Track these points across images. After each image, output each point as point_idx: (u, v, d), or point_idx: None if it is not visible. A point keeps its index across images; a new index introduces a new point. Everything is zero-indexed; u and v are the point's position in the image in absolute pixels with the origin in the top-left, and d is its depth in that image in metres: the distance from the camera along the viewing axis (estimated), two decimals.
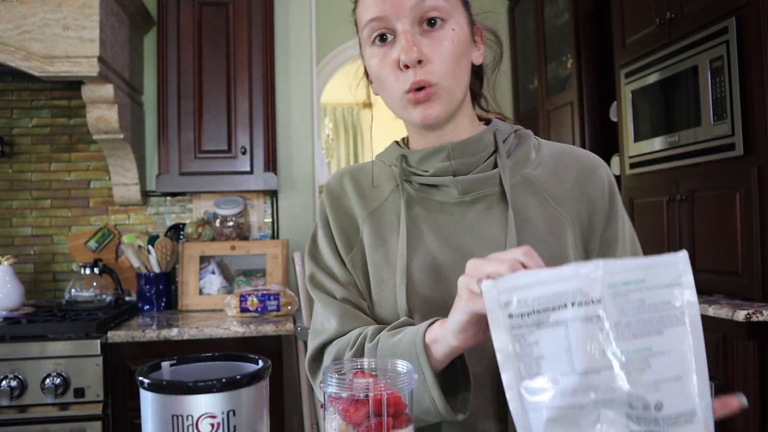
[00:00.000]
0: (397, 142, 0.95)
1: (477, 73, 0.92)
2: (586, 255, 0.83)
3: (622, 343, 0.54)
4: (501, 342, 0.57)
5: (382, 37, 0.80)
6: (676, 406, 0.54)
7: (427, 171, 0.86)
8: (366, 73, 0.92)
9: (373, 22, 0.80)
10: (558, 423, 0.54)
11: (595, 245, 0.84)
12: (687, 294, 0.56)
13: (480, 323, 0.65)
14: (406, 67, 0.78)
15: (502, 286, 0.57)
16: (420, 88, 0.79)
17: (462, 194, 0.84)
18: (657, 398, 0.53)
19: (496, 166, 0.85)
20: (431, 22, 0.78)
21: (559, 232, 0.82)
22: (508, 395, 0.56)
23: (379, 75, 0.82)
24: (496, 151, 0.86)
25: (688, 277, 0.56)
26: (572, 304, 0.54)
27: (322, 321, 0.89)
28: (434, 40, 0.79)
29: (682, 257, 0.57)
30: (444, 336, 0.69)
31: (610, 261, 0.56)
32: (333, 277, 0.90)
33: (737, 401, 0.58)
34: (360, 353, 0.80)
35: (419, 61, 0.78)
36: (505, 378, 0.56)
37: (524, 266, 0.60)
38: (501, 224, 0.83)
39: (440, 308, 0.80)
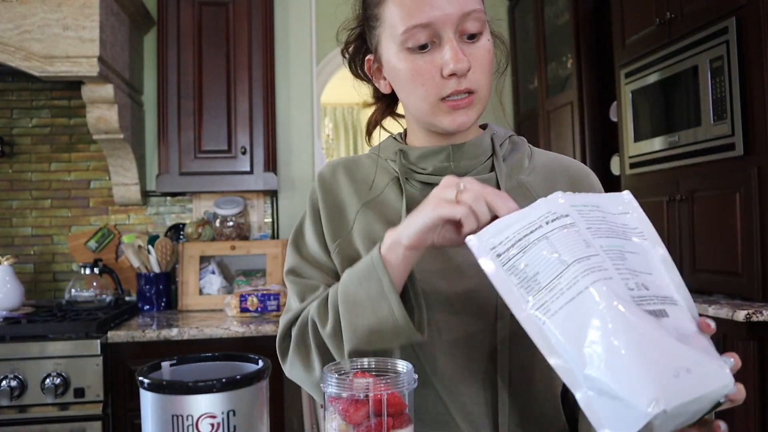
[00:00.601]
0: (394, 137, 0.94)
1: None
2: None
3: (598, 239, 0.61)
4: (499, 280, 0.62)
5: (423, 46, 0.79)
6: (658, 290, 0.60)
7: (425, 169, 0.87)
8: (368, 68, 0.91)
9: (416, 29, 0.77)
10: (574, 316, 0.57)
11: None
12: (641, 221, 0.65)
13: (436, 229, 0.70)
14: (451, 75, 0.78)
15: (485, 236, 0.64)
16: (461, 96, 0.80)
17: None
18: (641, 281, 0.59)
19: (492, 169, 0.86)
20: (471, 36, 0.79)
21: None
22: (523, 324, 0.59)
23: (413, 80, 0.80)
24: (493, 154, 0.87)
25: (638, 211, 0.66)
26: (546, 222, 0.62)
27: (289, 302, 0.93)
28: (474, 49, 0.79)
29: (625, 195, 0.67)
30: (398, 239, 0.73)
31: (568, 193, 0.65)
32: (315, 264, 0.91)
33: (719, 427, 0.63)
34: (324, 302, 0.81)
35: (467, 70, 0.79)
36: (514, 308, 0.60)
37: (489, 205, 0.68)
38: None
39: (432, 304, 0.81)
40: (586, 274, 0.57)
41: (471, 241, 0.64)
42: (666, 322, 0.57)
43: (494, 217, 0.67)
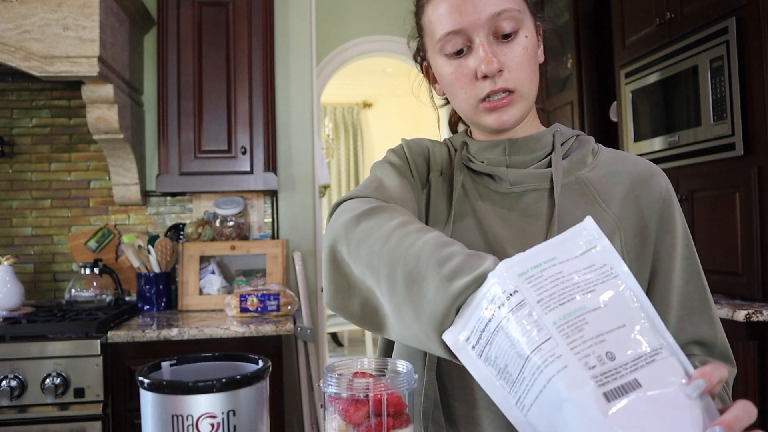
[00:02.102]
0: (465, 131, 0.97)
1: None
2: (640, 263, 0.81)
3: (550, 314, 0.54)
4: (480, 374, 0.58)
5: (459, 51, 0.81)
6: (629, 351, 0.53)
7: (482, 161, 0.88)
8: (426, 74, 0.93)
9: (449, 35, 0.80)
10: (543, 412, 0.54)
11: (648, 254, 0.82)
12: (607, 253, 0.57)
13: None
14: (485, 77, 0.79)
15: (456, 329, 0.60)
16: (498, 95, 0.80)
17: (512, 185, 0.85)
18: (605, 349, 0.53)
19: (549, 165, 0.86)
20: (506, 36, 0.79)
21: (606, 234, 0.81)
22: (508, 415, 0.57)
23: (454, 84, 0.83)
24: (553, 151, 0.87)
25: (603, 241, 0.58)
26: (498, 308, 0.56)
27: (375, 181, 0.87)
28: (509, 49, 0.79)
29: (587, 225, 0.59)
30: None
31: (515, 256, 0.58)
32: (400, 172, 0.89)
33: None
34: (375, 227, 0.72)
35: (499, 71, 0.79)
36: (498, 401, 0.57)
37: None
38: (545, 220, 0.83)
39: None
40: (541, 371, 0.53)
41: (446, 337, 0.60)
42: (637, 398, 0.51)
43: None
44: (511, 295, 0.56)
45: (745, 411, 0.52)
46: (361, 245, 0.72)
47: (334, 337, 6.15)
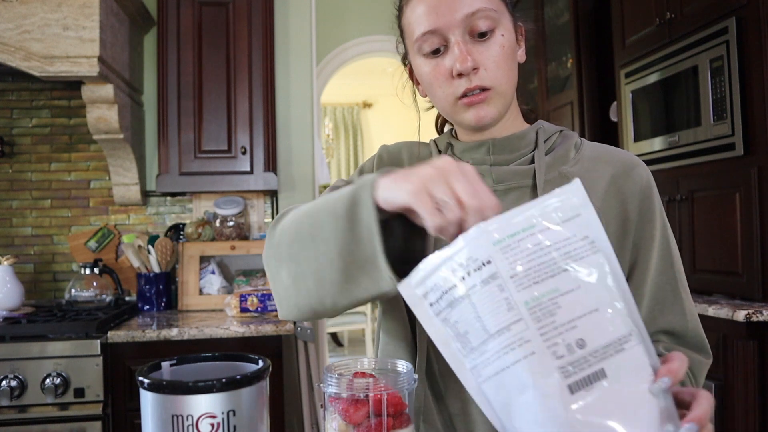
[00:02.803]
0: (450, 131, 0.97)
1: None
2: (620, 254, 0.82)
3: (523, 293, 0.52)
4: (434, 330, 0.56)
5: (435, 50, 0.82)
6: (600, 338, 0.52)
7: (468, 162, 0.88)
8: (410, 76, 0.94)
9: (426, 35, 0.81)
10: (501, 390, 0.53)
11: (628, 245, 0.83)
12: (590, 223, 0.54)
13: (392, 214, 0.64)
14: (460, 75, 0.80)
15: (414, 280, 0.57)
16: (475, 92, 0.81)
17: (495, 183, 0.86)
18: (576, 337, 0.51)
19: (533, 162, 0.86)
20: (482, 34, 0.81)
21: None
22: (461, 378, 0.56)
23: (432, 83, 0.84)
24: (536, 148, 0.87)
25: (587, 209, 0.55)
26: (467, 274, 0.54)
27: None
28: (486, 47, 0.81)
29: (574, 188, 0.55)
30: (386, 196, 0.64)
31: (493, 219, 0.54)
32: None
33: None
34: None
35: (474, 69, 0.80)
36: (452, 363, 0.56)
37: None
38: None
39: None
40: (506, 352, 0.52)
41: (402, 287, 0.58)
42: (600, 390, 0.51)
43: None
44: (483, 264, 0.53)
45: (710, 404, 0.55)
46: (283, 236, 0.74)
47: (334, 337, 6.15)
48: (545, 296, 0.52)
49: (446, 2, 0.79)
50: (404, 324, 0.86)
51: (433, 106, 0.97)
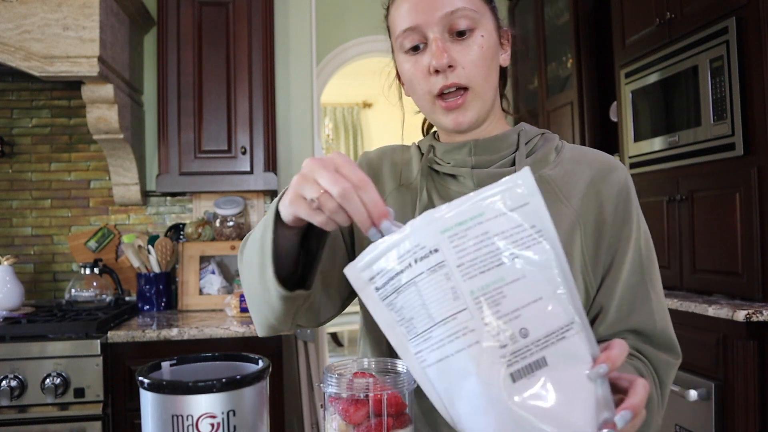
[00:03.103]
0: (433, 134, 0.98)
1: (502, 74, 0.95)
2: (597, 256, 0.83)
3: (469, 282, 0.53)
4: (379, 314, 0.57)
5: (415, 48, 0.84)
6: (542, 327, 0.53)
7: (449, 163, 0.90)
8: (397, 75, 0.95)
9: (407, 32, 0.83)
10: (444, 376, 0.54)
11: (605, 247, 0.83)
12: (538, 212, 0.55)
13: (300, 225, 0.69)
14: (437, 72, 0.81)
15: (360, 265, 0.58)
16: (451, 94, 0.82)
17: (477, 186, 0.86)
18: (520, 326, 0.53)
19: (514, 164, 0.87)
20: (461, 33, 0.82)
21: (568, 230, 0.83)
22: (405, 361, 0.57)
23: (411, 80, 0.86)
24: (517, 150, 0.88)
25: (535, 198, 0.55)
26: (414, 261, 0.54)
27: None
28: (464, 46, 0.82)
29: (523, 177, 0.55)
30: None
31: (441, 207, 0.55)
32: None
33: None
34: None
35: (450, 66, 0.81)
36: (396, 346, 0.57)
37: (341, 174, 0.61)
38: None
39: None
40: (451, 340, 0.53)
41: (348, 271, 0.59)
42: (541, 378, 0.53)
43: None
44: (430, 252, 0.54)
45: (645, 392, 0.56)
46: (240, 261, 0.83)
47: (334, 337, 6.15)
48: (491, 286, 0.53)
49: (427, 0, 0.81)
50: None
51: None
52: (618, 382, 0.58)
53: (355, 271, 0.58)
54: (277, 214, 0.71)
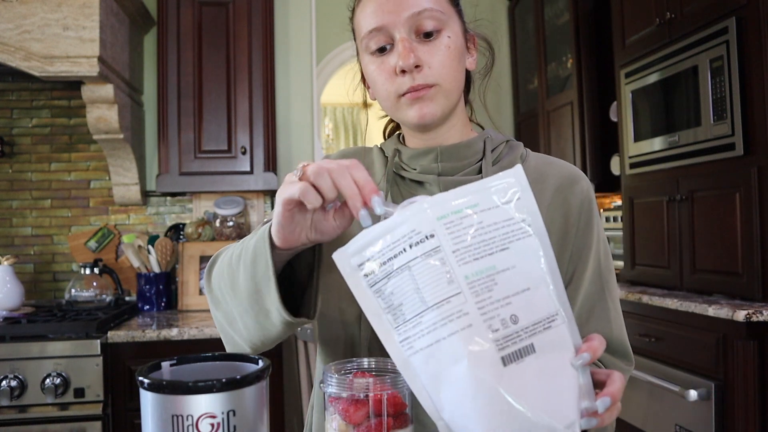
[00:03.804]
0: (398, 136, 0.97)
1: (467, 79, 0.95)
2: (559, 265, 0.84)
3: (464, 267, 0.54)
4: (366, 302, 0.58)
5: (381, 49, 0.83)
6: (530, 315, 0.55)
7: (415, 169, 0.89)
8: (363, 79, 0.95)
9: (372, 33, 0.82)
10: (432, 361, 0.55)
11: (567, 257, 0.85)
12: (529, 207, 0.58)
13: (294, 220, 0.67)
14: (403, 72, 0.81)
15: (350, 250, 0.58)
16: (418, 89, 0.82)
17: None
18: (510, 312, 0.54)
19: (480, 171, 0.87)
20: (428, 34, 0.81)
21: None
22: (388, 349, 0.57)
23: (376, 80, 0.85)
24: (483, 158, 0.88)
25: (526, 194, 0.58)
26: (410, 246, 0.55)
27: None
28: (431, 47, 0.81)
29: (515, 174, 0.58)
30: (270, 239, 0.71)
31: (437, 195, 0.57)
32: None
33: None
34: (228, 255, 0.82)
35: (417, 66, 0.80)
36: (380, 334, 0.58)
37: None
38: None
39: None
40: (444, 323, 0.54)
41: (337, 256, 0.59)
42: (529, 364, 0.54)
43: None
44: (426, 237, 0.55)
45: (622, 383, 0.59)
46: (217, 283, 0.82)
47: None
48: (484, 272, 0.55)
49: (393, 1, 0.80)
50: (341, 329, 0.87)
51: (386, 115, 0.97)
52: (596, 375, 0.61)
53: (344, 257, 0.59)
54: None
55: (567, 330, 0.57)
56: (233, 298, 0.78)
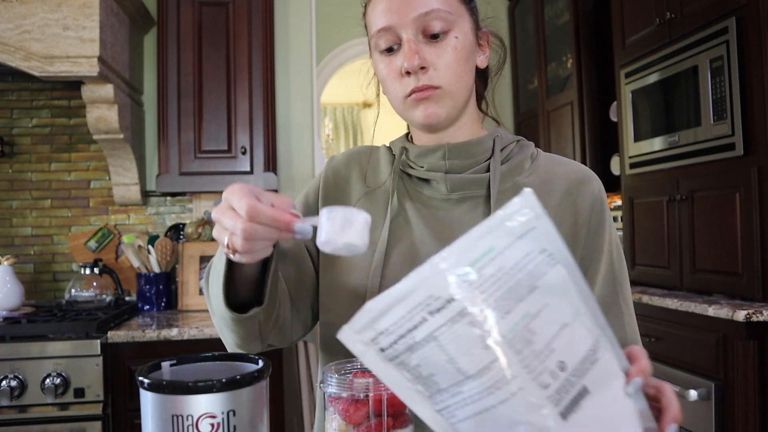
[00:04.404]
0: (406, 134, 0.98)
1: (482, 75, 0.95)
2: None
3: (498, 326, 0.49)
4: (387, 377, 0.52)
5: (390, 48, 0.84)
6: (575, 355, 0.51)
7: (422, 166, 0.89)
8: (375, 72, 0.95)
9: (381, 32, 0.83)
10: (483, 427, 0.51)
11: (578, 255, 0.84)
12: (547, 234, 0.52)
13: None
14: (408, 73, 0.81)
15: (358, 326, 0.52)
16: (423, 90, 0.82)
17: (450, 192, 0.86)
18: (556, 360, 0.49)
19: (488, 170, 0.86)
20: (434, 35, 0.81)
21: None
22: (424, 418, 0.52)
23: (384, 80, 0.86)
24: (492, 156, 0.87)
25: (542, 221, 0.52)
26: (430, 314, 0.49)
27: None
28: (438, 48, 0.82)
29: (526, 200, 0.52)
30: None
31: (445, 250, 0.50)
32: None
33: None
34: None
35: (422, 68, 0.81)
36: (411, 405, 0.53)
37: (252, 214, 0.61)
38: None
39: None
40: (490, 392, 0.49)
41: (345, 335, 0.52)
42: (586, 408, 0.50)
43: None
44: (447, 302, 0.49)
45: (675, 397, 0.58)
46: (205, 291, 0.85)
47: None
48: (519, 325, 0.49)
49: (402, 1, 0.81)
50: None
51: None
52: (644, 389, 0.57)
53: (352, 334, 0.52)
54: None
55: (612, 356, 0.53)
56: (208, 302, 0.82)
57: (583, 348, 0.51)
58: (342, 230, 0.60)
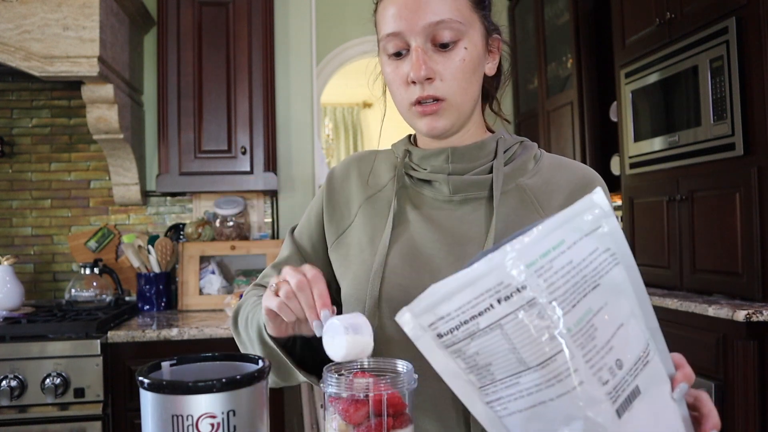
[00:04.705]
0: (409, 136, 0.98)
1: (496, 76, 0.95)
2: None
3: (564, 319, 0.49)
4: (440, 364, 0.52)
5: (398, 53, 0.84)
6: (630, 354, 0.51)
7: (425, 169, 0.89)
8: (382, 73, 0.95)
9: (389, 37, 0.83)
10: (535, 423, 0.51)
11: None
12: (613, 234, 0.52)
13: (278, 320, 0.76)
14: (414, 82, 0.81)
15: (418, 309, 0.52)
16: (428, 102, 0.82)
17: (452, 193, 0.86)
18: (614, 357, 0.50)
19: (491, 172, 0.86)
20: (444, 45, 0.81)
21: None
22: (473, 411, 0.53)
23: (391, 84, 0.86)
24: (495, 158, 0.87)
25: (610, 220, 0.53)
26: (498, 302, 0.49)
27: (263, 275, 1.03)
28: (446, 58, 0.81)
29: (597, 201, 0.53)
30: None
31: (517, 239, 0.50)
32: (303, 253, 0.97)
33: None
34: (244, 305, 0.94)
35: (428, 78, 0.81)
36: (461, 396, 0.53)
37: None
38: (484, 227, 0.84)
39: (410, 297, 0.81)
40: (550, 384, 0.49)
41: (402, 317, 0.52)
42: (638, 409, 0.51)
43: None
44: (518, 289, 0.48)
45: (714, 406, 0.58)
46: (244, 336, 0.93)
47: None
48: (583, 319, 0.49)
49: (413, 8, 0.80)
50: None
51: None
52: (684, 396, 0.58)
53: (410, 317, 0.52)
54: None
55: (659, 360, 0.53)
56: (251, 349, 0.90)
57: (637, 348, 0.52)
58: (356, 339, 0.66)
